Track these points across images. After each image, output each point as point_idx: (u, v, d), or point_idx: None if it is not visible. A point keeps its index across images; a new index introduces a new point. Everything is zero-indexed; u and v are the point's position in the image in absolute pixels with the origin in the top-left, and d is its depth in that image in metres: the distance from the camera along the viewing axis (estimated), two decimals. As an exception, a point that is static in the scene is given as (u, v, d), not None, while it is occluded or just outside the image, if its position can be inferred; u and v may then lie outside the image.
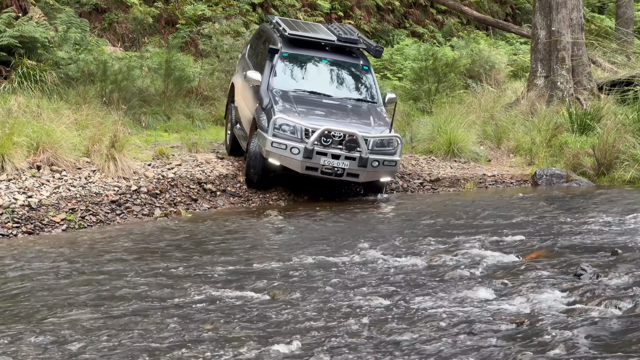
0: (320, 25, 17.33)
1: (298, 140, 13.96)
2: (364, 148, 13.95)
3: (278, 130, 14.00)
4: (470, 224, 11.97)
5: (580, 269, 8.00)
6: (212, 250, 10.73)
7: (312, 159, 13.91)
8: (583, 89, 22.10)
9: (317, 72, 16.16)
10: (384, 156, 14.24)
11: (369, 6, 30.73)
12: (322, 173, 14.07)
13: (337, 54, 16.15)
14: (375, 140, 14.21)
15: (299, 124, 14.06)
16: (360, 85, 16.18)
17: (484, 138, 19.55)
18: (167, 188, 14.13)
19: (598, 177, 16.86)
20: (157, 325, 6.97)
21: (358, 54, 16.40)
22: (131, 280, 8.81)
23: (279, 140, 13.95)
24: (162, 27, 24.48)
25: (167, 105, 19.34)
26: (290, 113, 14.33)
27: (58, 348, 6.41)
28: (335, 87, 15.96)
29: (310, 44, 16.03)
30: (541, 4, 22.22)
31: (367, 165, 14.04)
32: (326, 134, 13.95)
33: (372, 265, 9.18)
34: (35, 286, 8.61)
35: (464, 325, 6.59)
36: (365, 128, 14.40)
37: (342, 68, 16.28)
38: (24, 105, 15.57)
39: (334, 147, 13.98)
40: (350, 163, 14.00)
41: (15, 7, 19.16)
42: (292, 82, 15.65)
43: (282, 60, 15.74)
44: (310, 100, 15.19)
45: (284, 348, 6.28)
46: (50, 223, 12.15)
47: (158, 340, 6.56)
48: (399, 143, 14.49)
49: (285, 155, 14.00)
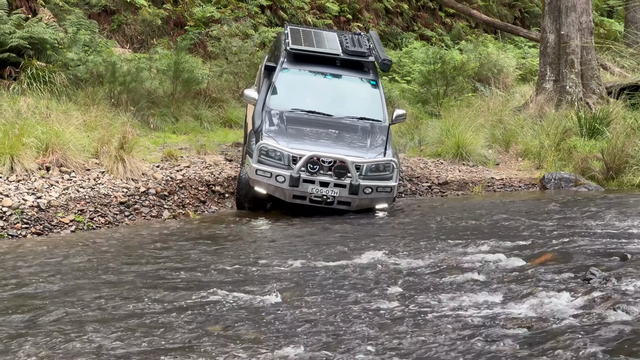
0: (334, 34, 16.35)
1: (284, 167, 13.20)
2: (354, 174, 13.18)
3: (264, 157, 13.28)
4: (478, 228, 11.95)
5: (589, 273, 7.97)
6: (220, 251, 10.73)
7: (299, 187, 13.15)
8: (592, 92, 22.10)
9: (319, 89, 15.21)
10: (379, 182, 13.45)
11: (378, 9, 30.77)
12: (311, 202, 13.31)
13: (343, 69, 15.32)
14: (370, 165, 13.42)
15: (285, 149, 13.27)
16: (365, 102, 15.09)
17: (493, 141, 19.55)
18: (176, 190, 14.15)
19: (607, 182, 16.85)
20: (164, 326, 6.96)
21: (368, 67, 15.47)
22: (136, 281, 8.81)
23: (263, 167, 13.23)
24: (171, 29, 24.54)
25: (176, 107, 19.38)
26: (279, 137, 13.53)
27: (65, 347, 6.42)
28: (337, 105, 14.88)
29: (314, 57, 15.21)
30: (550, 8, 22.23)
31: (359, 193, 13.26)
32: (314, 160, 13.16)
33: (379, 268, 9.16)
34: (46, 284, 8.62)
35: (473, 329, 6.58)
36: (358, 152, 13.60)
37: (347, 84, 15.31)
38: (33, 106, 15.63)
39: (322, 174, 13.19)
40: (340, 191, 13.23)
41: (24, 8, 19.23)
42: (290, 100, 14.74)
43: (282, 77, 14.94)
44: (305, 121, 14.35)
45: (293, 350, 6.27)
46: (59, 224, 12.18)
47: (164, 341, 6.55)
48: (395, 167, 13.63)
49: (270, 183, 13.26)
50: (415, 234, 11.59)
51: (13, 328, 6.97)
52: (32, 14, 19.24)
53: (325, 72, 15.22)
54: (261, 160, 13.24)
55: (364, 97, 15.18)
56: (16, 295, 8.23)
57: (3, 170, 12.88)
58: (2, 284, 8.73)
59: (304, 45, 15.23)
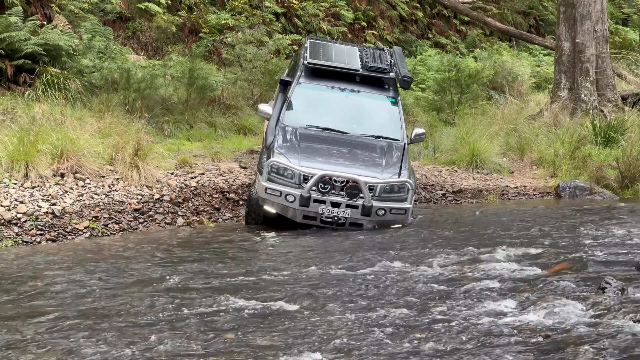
0: (356, 49, 15.75)
1: (295, 186, 12.70)
2: (367, 195, 12.66)
3: (274, 175, 12.80)
4: (493, 236, 11.92)
5: (604, 282, 7.94)
6: (234, 258, 10.73)
7: (310, 207, 12.67)
8: (607, 101, 22.05)
9: (336, 106, 14.62)
10: (393, 203, 12.91)
11: (393, 17, 30.77)
12: (322, 222, 12.79)
13: (362, 84, 14.75)
14: (384, 186, 12.88)
15: (296, 167, 12.77)
16: (383, 120, 14.51)
17: (507, 149, 19.52)
18: (190, 197, 14.16)
19: (622, 190, 16.80)
20: (177, 332, 6.96)
21: (388, 84, 14.89)
22: (150, 289, 8.81)
23: (273, 186, 12.73)
24: (186, 36, 24.58)
25: (190, 113, 19.39)
26: (291, 154, 13.05)
27: (73, 350, 6.42)
28: (354, 122, 14.31)
29: (332, 72, 14.67)
30: (565, 16, 22.19)
31: (372, 214, 12.74)
32: (325, 180, 12.67)
33: (393, 276, 9.14)
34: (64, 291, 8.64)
35: (488, 337, 6.56)
36: (372, 172, 13.06)
37: (365, 100, 14.73)
38: (47, 112, 15.67)
39: (334, 194, 12.72)
40: (352, 212, 12.71)
41: (40, 15, 19.27)
42: (306, 117, 14.19)
43: (298, 92, 14.44)
44: (320, 138, 13.82)
45: (308, 357, 6.26)
46: (73, 230, 12.21)
47: (178, 347, 6.55)
48: (410, 189, 13.03)
49: (280, 202, 12.76)
50: (428, 242, 11.56)
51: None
52: (47, 21, 19.28)
53: (343, 88, 14.65)
54: (271, 179, 12.77)
55: (382, 115, 14.61)
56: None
57: (18, 176, 12.91)
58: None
59: (322, 59, 14.75)
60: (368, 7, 30.02)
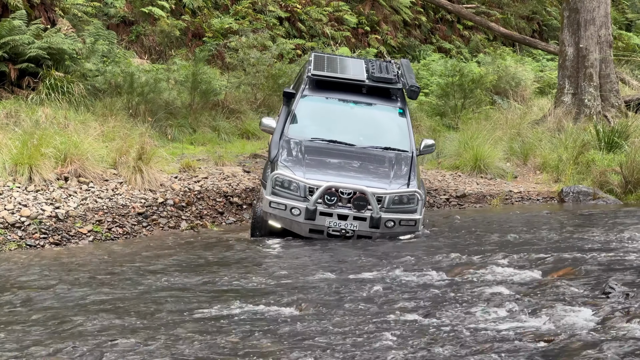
0: (361, 61, 15.52)
1: (300, 199, 12.37)
2: (375, 207, 12.30)
3: (279, 188, 12.47)
4: (497, 241, 11.91)
5: (608, 287, 7.93)
6: (237, 263, 10.73)
7: (316, 221, 12.32)
8: (611, 106, 22.05)
9: (342, 118, 14.34)
10: (402, 215, 12.55)
11: (396, 21, 30.77)
12: (329, 236, 12.41)
13: (369, 96, 14.40)
14: (392, 196, 12.51)
15: (301, 180, 12.45)
16: (391, 131, 14.18)
17: (511, 154, 19.52)
18: (194, 201, 14.17)
19: (625, 195, 16.79)
20: (181, 337, 6.95)
21: (395, 95, 14.59)
22: (152, 293, 8.81)
23: (277, 199, 12.41)
24: (189, 40, 24.59)
25: (193, 117, 19.40)
26: (296, 167, 12.74)
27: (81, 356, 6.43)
28: (360, 134, 13.94)
29: (338, 84, 14.39)
30: (569, 21, 22.19)
31: (380, 226, 12.38)
32: (332, 191, 12.33)
33: (397, 282, 9.14)
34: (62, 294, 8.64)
35: (492, 342, 6.55)
36: (380, 183, 12.75)
37: (372, 112, 14.40)
38: (51, 116, 15.70)
39: (341, 206, 12.35)
40: (360, 224, 12.36)
41: (43, 18, 19.29)
42: (310, 129, 13.88)
43: (303, 104, 14.11)
44: (325, 151, 13.45)
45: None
46: (77, 234, 12.22)
47: (181, 351, 6.55)
48: (420, 199, 12.68)
49: (285, 216, 12.44)
50: (431, 247, 11.55)
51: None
52: (50, 25, 19.29)
53: (349, 100, 14.36)
54: (275, 192, 12.45)
55: (390, 126, 14.31)
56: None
57: (22, 180, 12.92)
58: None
59: (327, 71, 14.49)
60: (371, 12, 30.02)
